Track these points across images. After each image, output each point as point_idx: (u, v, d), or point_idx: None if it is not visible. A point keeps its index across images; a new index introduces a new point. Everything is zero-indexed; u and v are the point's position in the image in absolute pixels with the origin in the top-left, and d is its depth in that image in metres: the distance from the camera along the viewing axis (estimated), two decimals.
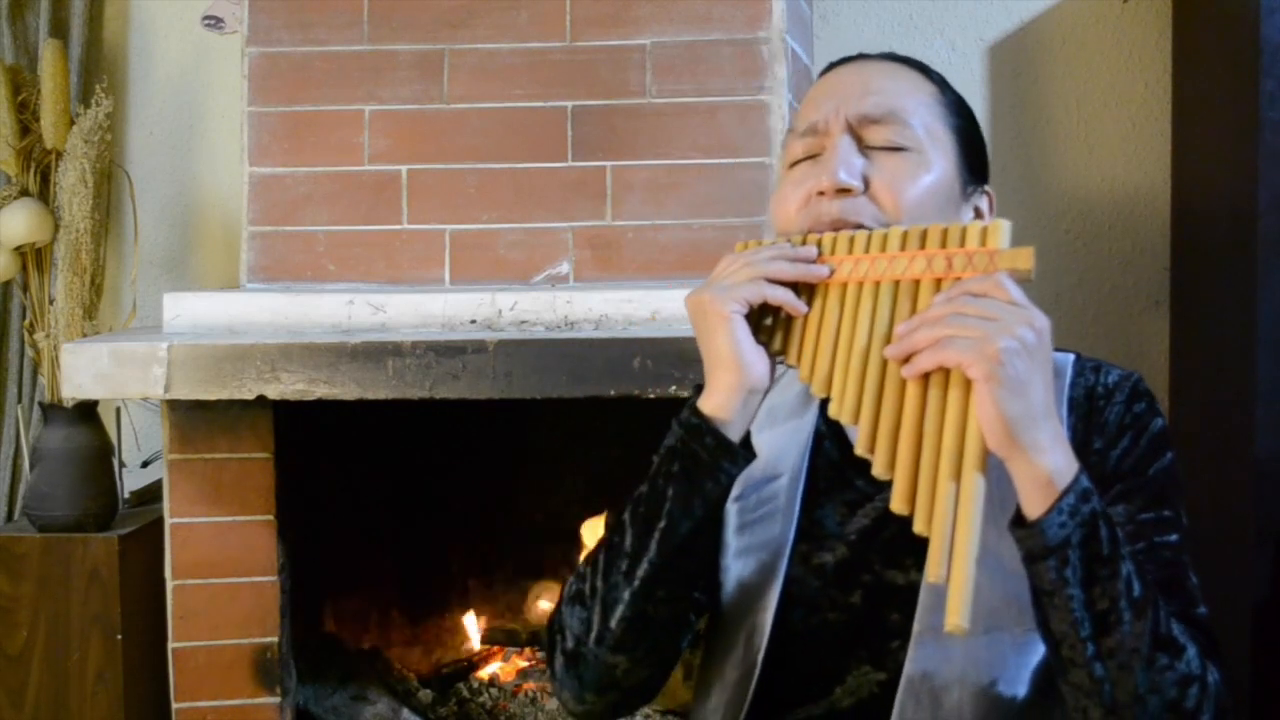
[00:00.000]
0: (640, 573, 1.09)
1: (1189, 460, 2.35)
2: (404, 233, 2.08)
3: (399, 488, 2.40)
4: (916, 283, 1.00)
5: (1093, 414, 1.14)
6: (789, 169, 1.17)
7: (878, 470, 0.97)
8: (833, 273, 1.05)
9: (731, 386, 1.07)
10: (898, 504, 0.95)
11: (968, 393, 0.95)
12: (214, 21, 2.53)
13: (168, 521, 1.94)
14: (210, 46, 2.55)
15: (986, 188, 1.21)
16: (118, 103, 2.51)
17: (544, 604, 2.44)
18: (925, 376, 0.97)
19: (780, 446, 1.20)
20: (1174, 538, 1.13)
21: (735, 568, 1.18)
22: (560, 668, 1.15)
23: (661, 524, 1.08)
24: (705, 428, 1.07)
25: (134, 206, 2.46)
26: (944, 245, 1.00)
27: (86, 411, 2.20)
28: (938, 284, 0.99)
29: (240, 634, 1.96)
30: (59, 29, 2.46)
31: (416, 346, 1.76)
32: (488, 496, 2.42)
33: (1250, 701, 2.00)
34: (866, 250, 1.04)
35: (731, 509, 1.19)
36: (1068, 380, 1.15)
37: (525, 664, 2.36)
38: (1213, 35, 2.24)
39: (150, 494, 2.33)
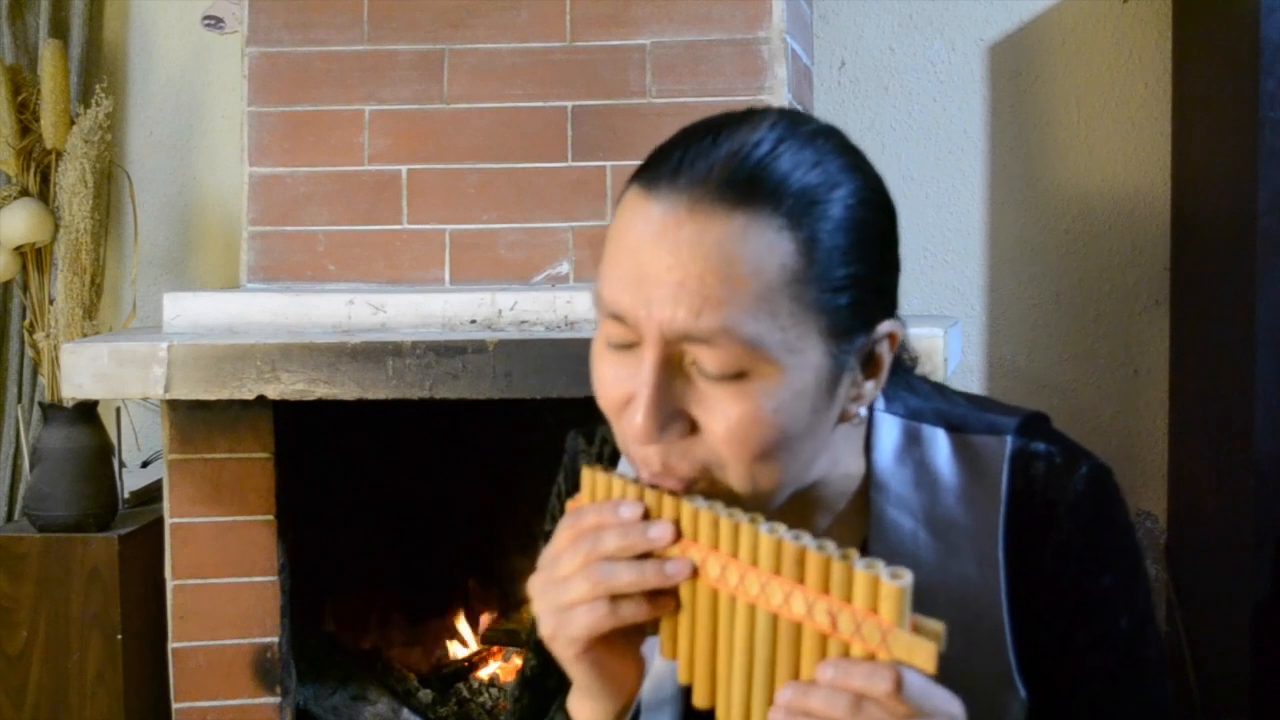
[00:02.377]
0: None
1: (1189, 460, 2.35)
2: (404, 233, 2.08)
3: (399, 488, 2.40)
4: (798, 626, 0.82)
5: (1026, 558, 0.93)
6: (604, 344, 0.89)
7: None
8: (696, 572, 0.85)
9: (601, 711, 0.91)
10: None
11: None
12: (214, 21, 2.53)
13: (168, 521, 1.94)
14: (210, 46, 2.55)
15: (884, 327, 0.89)
16: (118, 103, 2.51)
17: None
18: None
19: (659, 673, 1.01)
20: (1138, 709, 0.96)
21: None
22: None
23: None
24: None
25: (134, 206, 2.46)
26: (826, 587, 0.80)
27: (86, 411, 2.20)
28: (823, 639, 0.81)
29: (240, 634, 1.96)
30: (59, 29, 2.47)
31: (416, 346, 1.76)
32: (488, 496, 2.42)
33: (1250, 701, 2.00)
34: (735, 552, 0.83)
35: None
36: (1002, 491, 0.93)
37: (516, 676, 2.36)
38: (1213, 35, 2.24)
39: (150, 494, 2.33)
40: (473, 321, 1.90)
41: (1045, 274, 2.50)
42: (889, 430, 0.96)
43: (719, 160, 0.83)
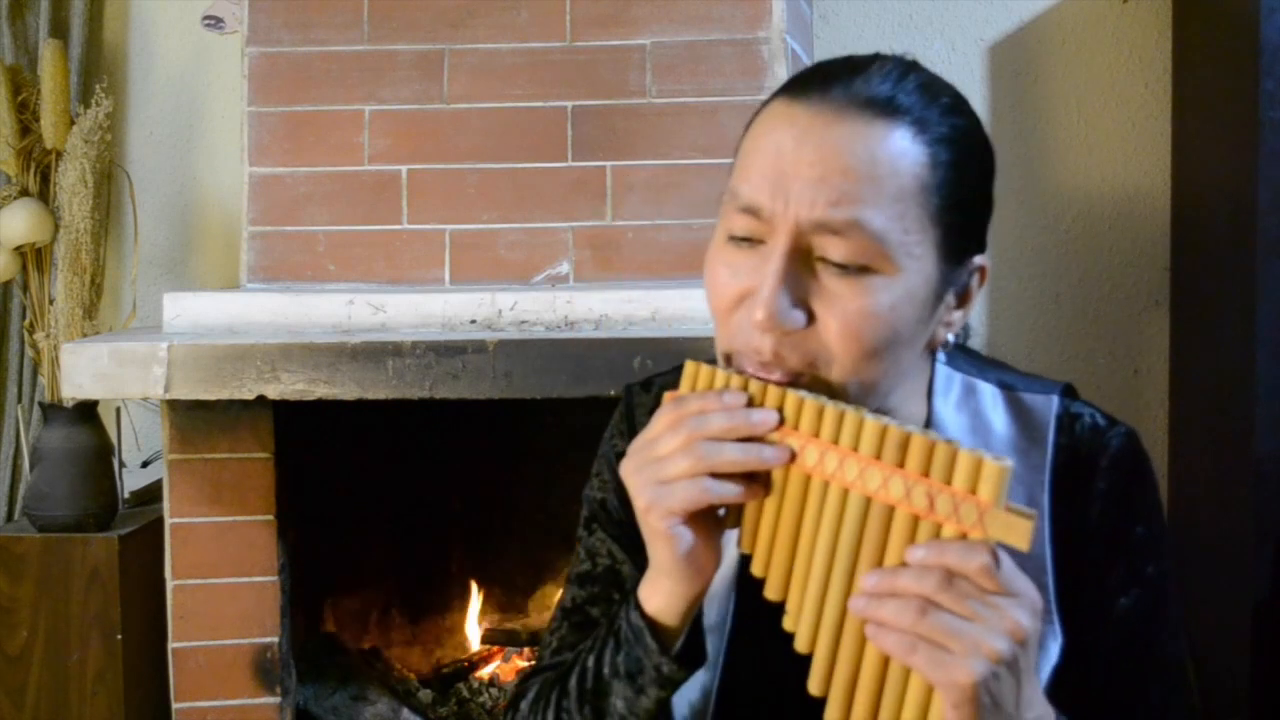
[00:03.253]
0: None
1: (1189, 460, 2.35)
2: (404, 233, 2.08)
3: (399, 487, 2.40)
4: (891, 509, 0.85)
5: (1071, 502, 1.00)
6: (726, 240, 0.96)
7: (830, 718, 0.86)
8: (794, 458, 0.88)
9: (674, 594, 0.95)
10: None
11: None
12: (214, 21, 2.53)
13: (168, 521, 1.94)
14: (210, 46, 2.55)
15: (977, 260, 0.97)
16: (118, 103, 2.51)
17: (545, 606, 2.44)
18: None
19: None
20: (1160, 660, 1.03)
21: None
22: None
23: None
24: (651, 639, 0.96)
25: (134, 206, 2.46)
26: (926, 471, 0.83)
27: (86, 411, 2.20)
28: (915, 520, 0.84)
29: (240, 634, 1.95)
30: (59, 29, 2.47)
31: (416, 346, 1.76)
32: (488, 496, 2.42)
33: (1250, 701, 2.00)
34: (836, 439, 0.87)
35: None
36: (1049, 443, 1.01)
37: (525, 664, 2.36)
38: (1213, 35, 2.24)
39: (150, 494, 2.33)
40: (473, 321, 1.90)
41: (1045, 274, 2.50)
42: (949, 381, 1.04)
43: (861, 81, 0.92)
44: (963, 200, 0.93)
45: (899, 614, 0.82)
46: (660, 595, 0.96)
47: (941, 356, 1.03)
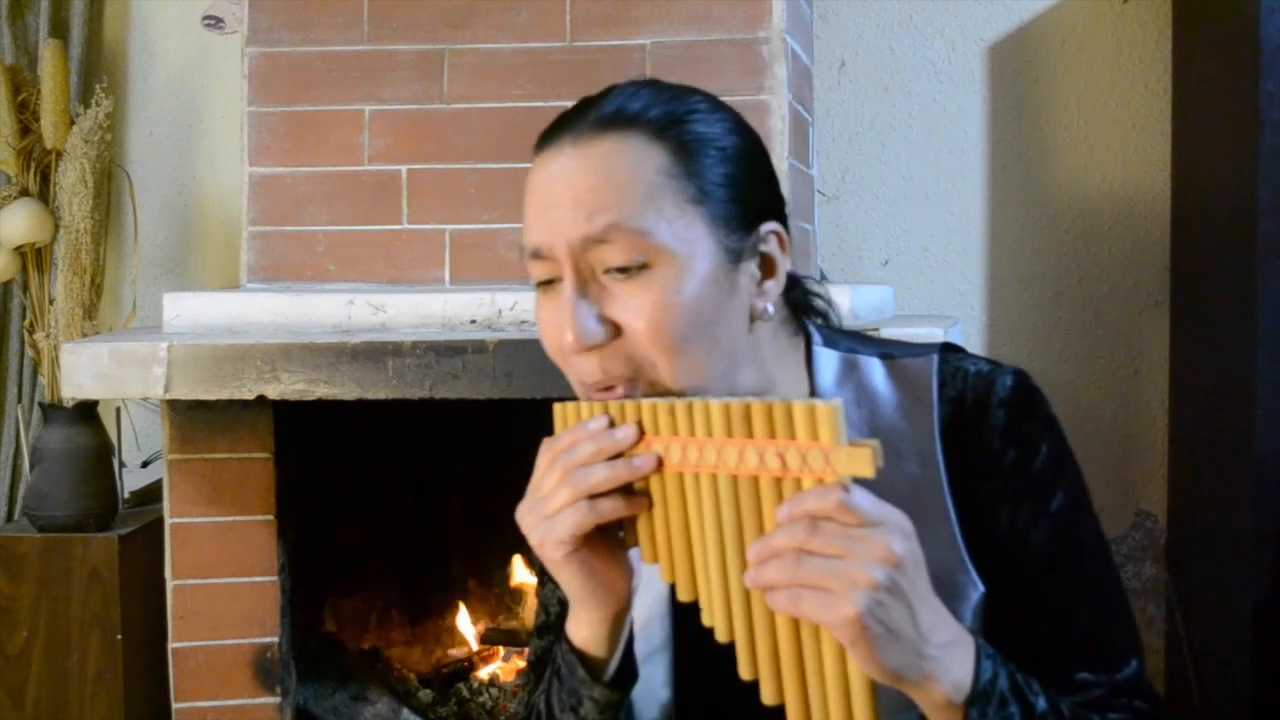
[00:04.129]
0: None
1: (1189, 460, 2.35)
2: (404, 233, 2.08)
3: (399, 488, 2.40)
4: (755, 480, 0.89)
5: (965, 450, 1.03)
6: (536, 285, 1.03)
7: (766, 699, 0.89)
8: (661, 463, 0.93)
9: (594, 620, 0.99)
10: None
11: None
12: (214, 21, 2.53)
13: (168, 521, 1.94)
14: (210, 46, 2.55)
15: (766, 227, 1.01)
16: (118, 103, 2.51)
17: None
18: None
19: (647, 623, 1.11)
20: (1082, 586, 1.04)
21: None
22: None
23: None
24: (582, 670, 1.00)
25: (134, 206, 2.46)
26: (772, 433, 0.88)
27: (86, 411, 2.20)
28: (778, 483, 0.88)
29: (240, 634, 1.96)
30: (59, 29, 2.47)
31: (416, 346, 1.76)
32: (488, 497, 2.42)
33: (1250, 701, 2.00)
34: (692, 431, 0.92)
35: None
36: (933, 400, 1.04)
37: (525, 664, 2.36)
38: (1213, 35, 2.24)
39: (150, 494, 2.33)
40: (473, 321, 1.90)
41: (1045, 274, 2.50)
42: (828, 361, 1.08)
43: (590, 110, 1.01)
44: (727, 176, 0.99)
45: (780, 571, 0.85)
46: (583, 626, 1.00)
47: (817, 339, 1.08)
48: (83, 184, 2.20)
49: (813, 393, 1.06)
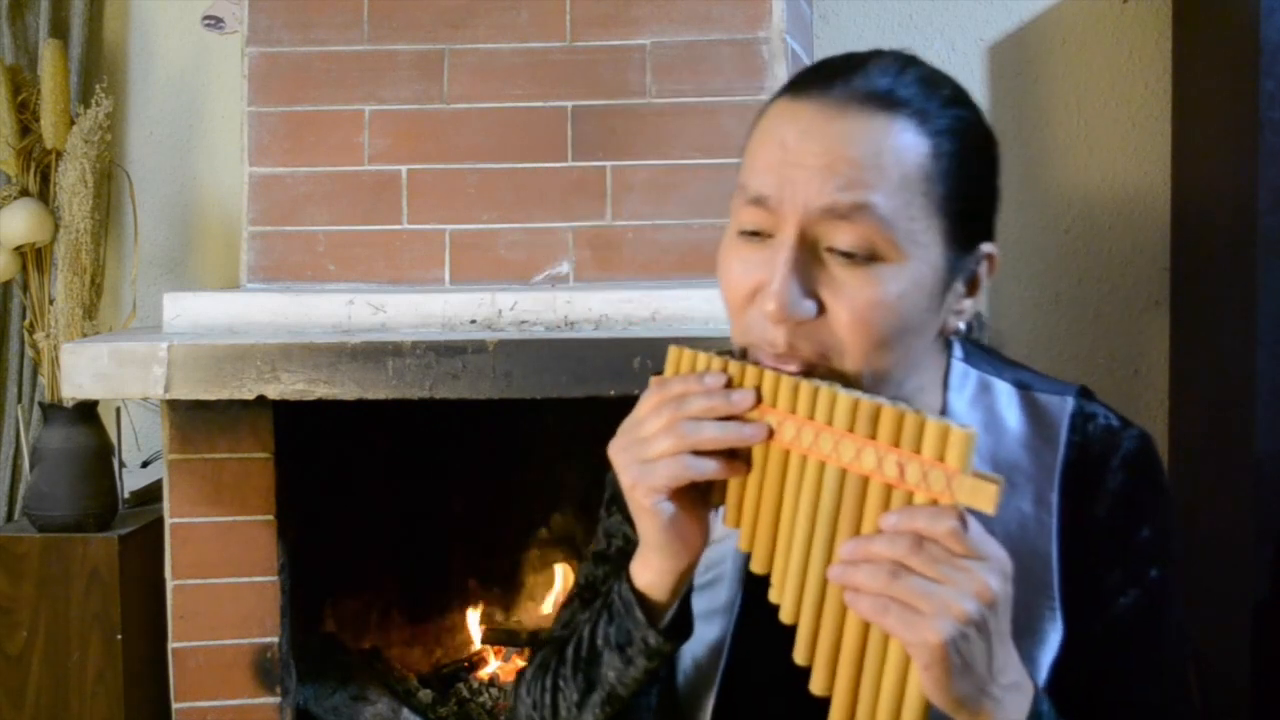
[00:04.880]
0: None
1: (1189, 460, 2.35)
2: (404, 233, 2.08)
3: (399, 487, 2.40)
4: (866, 480, 0.88)
5: (1079, 500, 1.01)
6: (736, 235, 0.97)
7: (815, 688, 0.89)
8: (772, 434, 0.92)
9: (662, 570, 0.98)
10: None
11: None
12: (214, 21, 2.53)
13: (168, 521, 1.94)
14: (210, 46, 2.55)
15: (985, 248, 1.00)
16: (118, 103, 2.51)
17: (545, 606, 2.44)
18: None
19: (713, 583, 1.10)
20: (1155, 664, 1.03)
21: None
22: None
23: (601, 691, 1.04)
24: (640, 612, 1.00)
25: (134, 206, 2.46)
26: (897, 440, 0.86)
27: (86, 411, 2.20)
28: (889, 489, 0.87)
29: (240, 634, 1.95)
30: (59, 29, 2.46)
31: (416, 346, 1.76)
32: (488, 496, 2.42)
33: (1250, 701, 2.00)
34: (811, 414, 0.90)
35: None
36: (1061, 443, 1.02)
37: (525, 664, 2.36)
38: (1213, 35, 2.24)
39: (150, 494, 2.33)
40: (473, 321, 1.90)
41: (1045, 274, 2.50)
42: (964, 378, 1.05)
43: (860, 77, 0.94)
44: (968, 189, 0.96)
45: (872, 578, 0.84)
46: (649, 570, 0.99)
47: (958, 353, 1.06)
48: (83, 184, 2.20)
49: (944, 409, 1.04)
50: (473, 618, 2.43)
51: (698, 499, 0.97)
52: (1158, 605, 1.02)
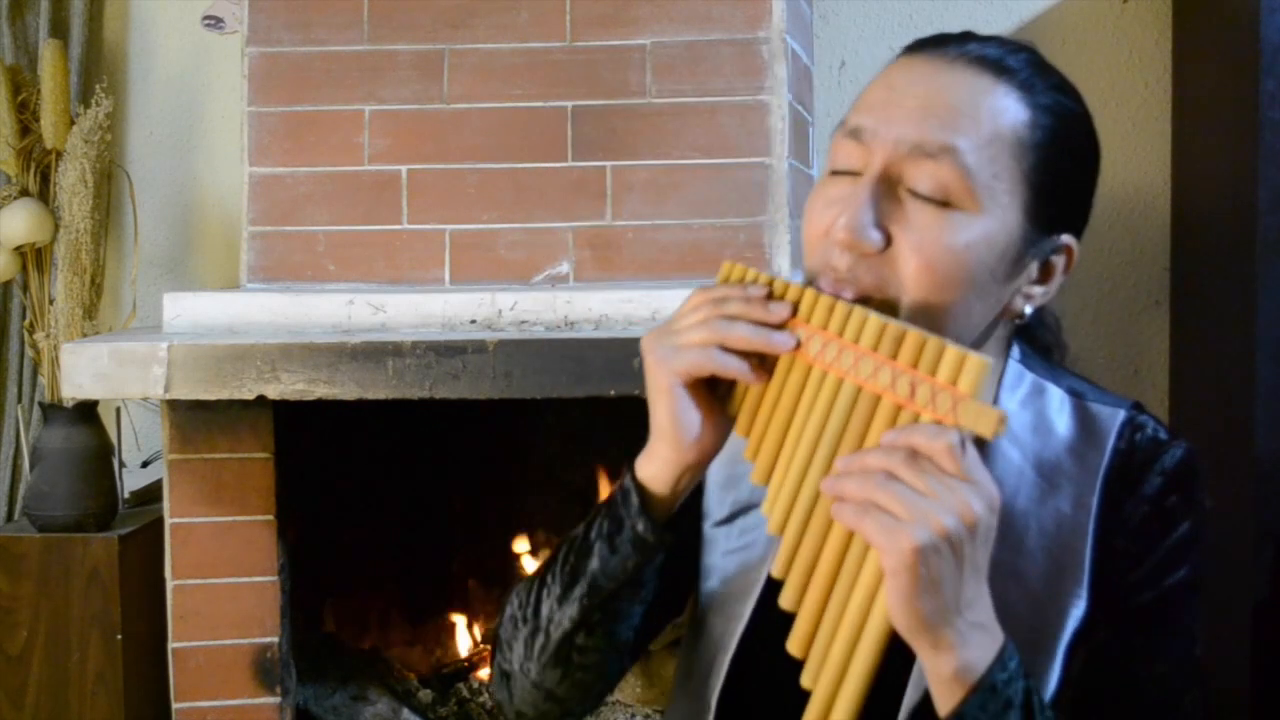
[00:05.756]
0: (562, 620, 1.06)
1: None
2: (404, 233, 2.08)
3: (399, 487, 2.40)
4: (878, 399, 0.89)
5: (1117, 502, 1.03)
6: (830, 173, 1.02)
7: (784, 602, 0.90)
8: (799, 345, 0.94)
9: (667, 460, 1.00)
10: (793, 646, 0.90)
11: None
12: (214, 21, 2.53)
13: (168, 521, 1.94)
14: (210, 46, 2.55)
15: (1065, 239, 1.01)
16: (118, 103, 2.51)
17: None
18: None
19: (746, 565, 1.12)
20: (1166, 667, 1.02)
21: (721, 566, 1.14)
22: (496, 678, 1.16)
23: (583, 584, 1.05)
24: (634, 501, 1.01)
25: (134, 206, 2.46)
26: (915, 363, 0.87)
27: (86, 411, 2.20)
28: (898, 409, 0.88)
29: (240, 634, 1.96)
30: (59, 29, 2.46)
31: (416, 346, 1.76)
32: (488, 496, 2.42)
33: (1250, 701, 2.00)
34: (841, 332, 0.92)
35: (725, 506, 1.14)
36: (1107, 449, 1.03)
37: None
38: (1213, 35, 2.24)
39: (150, 494, 2.33)
40: (473, 321, 1.90)
41: None
42: (1019, 378, 1.07)
43: (975, 44, 1.02)
44: (1057, 169, 0.98)
45: (860, 485, 0.85)
46: (654, 461, 1.01)
47: (1016, 354, 1.08)
48: (83, 184, 2.20)
49: (995, 404, 1.04)
50: (472, 618, 2.43)
51: (713, 400, 0.99)
52: (1175, 603, 1.03)
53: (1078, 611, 1.02)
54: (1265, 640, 1.98)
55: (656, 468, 1.00)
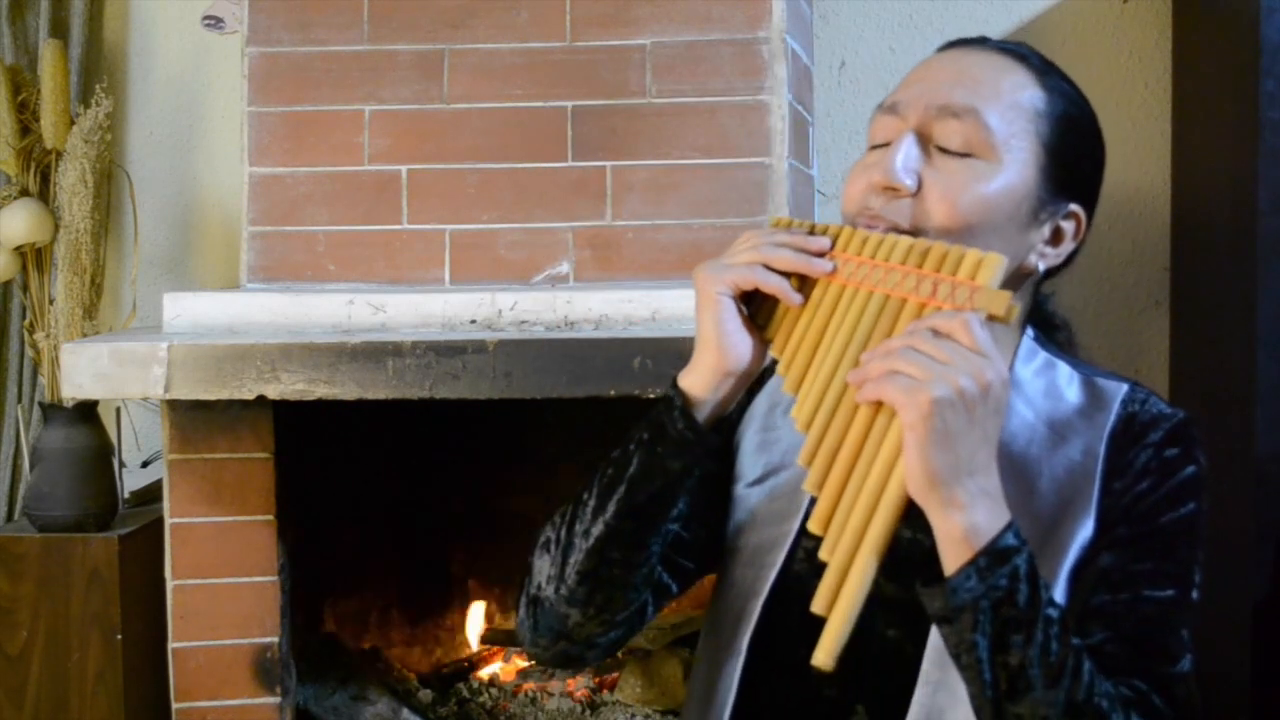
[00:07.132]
0: (596, 531, 1.12)
1: None
2: (404, 233, 2.08)
3: (399, 488, 2.40)
4: (903, 302, 0.99)
5: (1122, 450, 1.11)
6: (869, 149, 1.15)
7: (808, 485, 0.98)
8: (835, 270, 1.05)
9: (709, 367, 1.09)
10: (814, 524, 0.96)
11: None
12: (214, 21, 2.53)
13: (168, 521, 1.94)
14: (210, 46, 2.55)
15: (1074, 207, 1.14)
16: (118, 103, 2.51)
17: None
18: (877, 405, 0.96)
19: (791, 495, 1.20)
20: (1169, 593, 1.07)
21: (752, 521, 1.21)
22: (522, 607, 1.23)
23: (621, 489, 1.11)
24: (677, 404, 1.09)
25: (134, 206, 2.46)
26: (939, 268, 0.98)
27: (86, 411, 2.20)
28: (921, 308, 0.98)
29: (240, 634, 1.95)
30: (59, 29, 2.46)
31: (416, 346, 1.76)
32: (488, 496, 2.42)
33: (1250, 701, 2.00)
34: (874, 255, 1.03)
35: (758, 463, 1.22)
36: (1113, 412, 1.13)
37: (525, 664, 2.36)
38: (1213, 35, 2.24)
39: (150, 494, 2.33)
40: (473, 321, 1.90)
41: None
42: (1033, 354, 1.18)
43: (998, 41, 1.17)
44: (1069, 142, 1.12)
45: (883, 360, 0.95)
46: (696, 369, 1.09)
47: (1030, 333, 1.19)
48: (83, 184, 2.20)
49: (1009, 375, 1.09)
50: (472, 618, 2.43)
51: (751, 323, 1.09)
52: (1178, 539, 1.08)
53: (1084, 533, 1.08)
54: (1265, 640, 1.98)
55: (698, 374, 1.09)
